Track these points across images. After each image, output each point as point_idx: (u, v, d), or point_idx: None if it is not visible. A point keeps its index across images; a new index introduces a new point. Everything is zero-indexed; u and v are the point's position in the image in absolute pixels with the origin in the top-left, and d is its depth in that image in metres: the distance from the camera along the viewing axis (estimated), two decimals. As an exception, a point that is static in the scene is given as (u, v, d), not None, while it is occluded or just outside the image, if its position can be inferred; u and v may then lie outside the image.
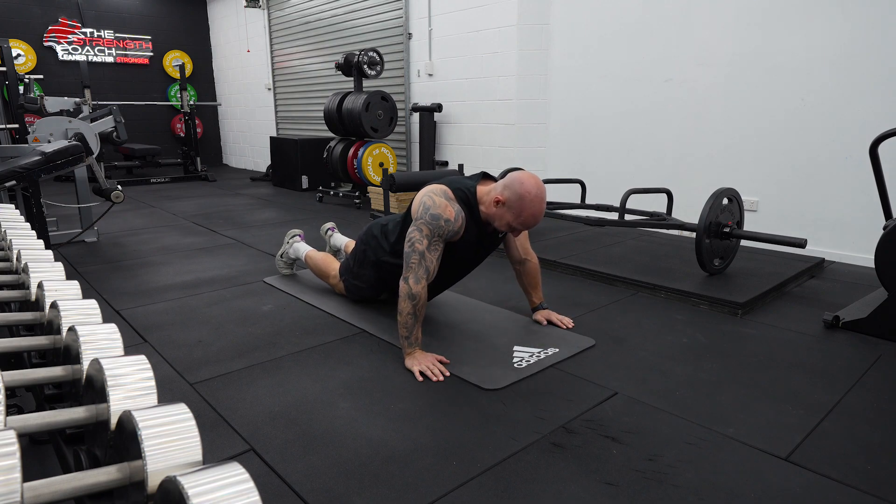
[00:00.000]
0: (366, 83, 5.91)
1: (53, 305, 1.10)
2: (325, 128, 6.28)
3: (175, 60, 9.09)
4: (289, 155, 6.70)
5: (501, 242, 2.35)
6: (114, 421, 0.78)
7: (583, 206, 3.82)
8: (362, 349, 2.21)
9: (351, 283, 2.62)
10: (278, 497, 1.37)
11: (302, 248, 3.01)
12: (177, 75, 8.89)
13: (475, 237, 2.14)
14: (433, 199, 2.03)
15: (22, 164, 3.10)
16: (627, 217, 3.40)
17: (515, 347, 2.20)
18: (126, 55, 8.68)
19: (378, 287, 2.54)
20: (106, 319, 1.09)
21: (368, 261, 2.47)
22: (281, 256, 3.12)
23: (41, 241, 1.67)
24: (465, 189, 2.08)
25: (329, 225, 3.21)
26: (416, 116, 5.82)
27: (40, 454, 1.51)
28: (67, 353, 1.01)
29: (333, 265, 2.78)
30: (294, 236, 3.09)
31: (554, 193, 4.44)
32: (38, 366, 1.18)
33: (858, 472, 1.46)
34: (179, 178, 7.62)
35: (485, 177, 2.15)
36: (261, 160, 8.64)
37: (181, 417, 0.73)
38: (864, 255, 3.36)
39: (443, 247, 2.05)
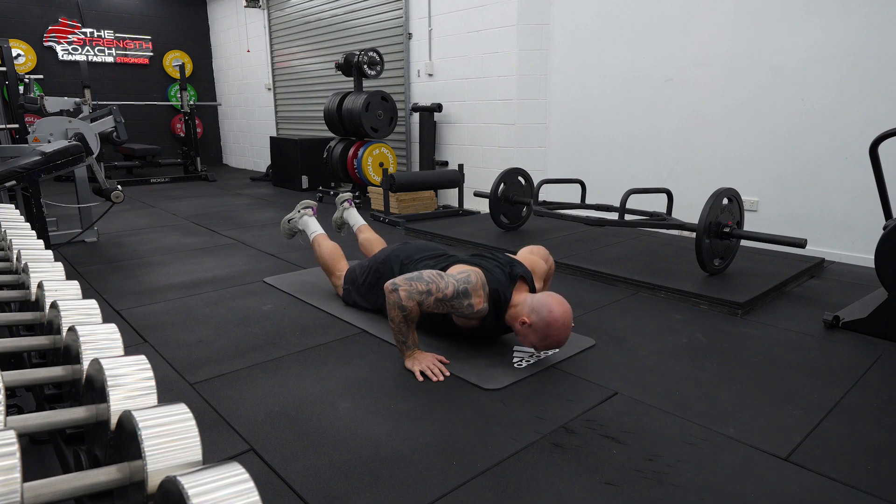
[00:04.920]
0: (366, 83, 5.91)
1: (53, 305, 1.10)
2: (325, 128, 6.28)
3: (175, 60, 9.09)
4: (289, 155, 6.70)
5: None
6: (114, 421, 0.78)
7: (583, 206, 3.82)
8: (362, 349, 2.21)
9: (355, 296, 2.61)
10: (278, 497, 1.37)
11: (312, 226, 2.93)
12: (177, 75, 8.89)
13: (489, 328, 2.15)
14: (478, 281, 2.03)
15: (22, 164, 3.10)
16: (627, 217, 3.39)
17: (515, 347, 2.20)
18: (126, 55, 8.68)
19: (381, 311, 2.54)
20: (106, 319, 1.09)
21: (381, 289, 2.44)
22: (288, 221, 3.06)
23: (41, 241, 1.67)
24: (501, 293, 2.06)
25: (347, 196, 3.17)
26: (416, 116, 5.82)
27: (40, 454, 1.50)
28: (67, 353, 1.01)
29: (341, 265, 2.75)
30: (307, 208, 3.00)
31: (554, 193, 4.44)
32: (38, 366, 1.18)
33: (859, 472, 1.46)
34: (179, 178, 7.62)
35: (521, 279, 2.12)
36: (261, 160, 8.64)
37: (181, 417, 0.73)
38: (864, 255, 3.36)
39: (442, 311, 2.06)
